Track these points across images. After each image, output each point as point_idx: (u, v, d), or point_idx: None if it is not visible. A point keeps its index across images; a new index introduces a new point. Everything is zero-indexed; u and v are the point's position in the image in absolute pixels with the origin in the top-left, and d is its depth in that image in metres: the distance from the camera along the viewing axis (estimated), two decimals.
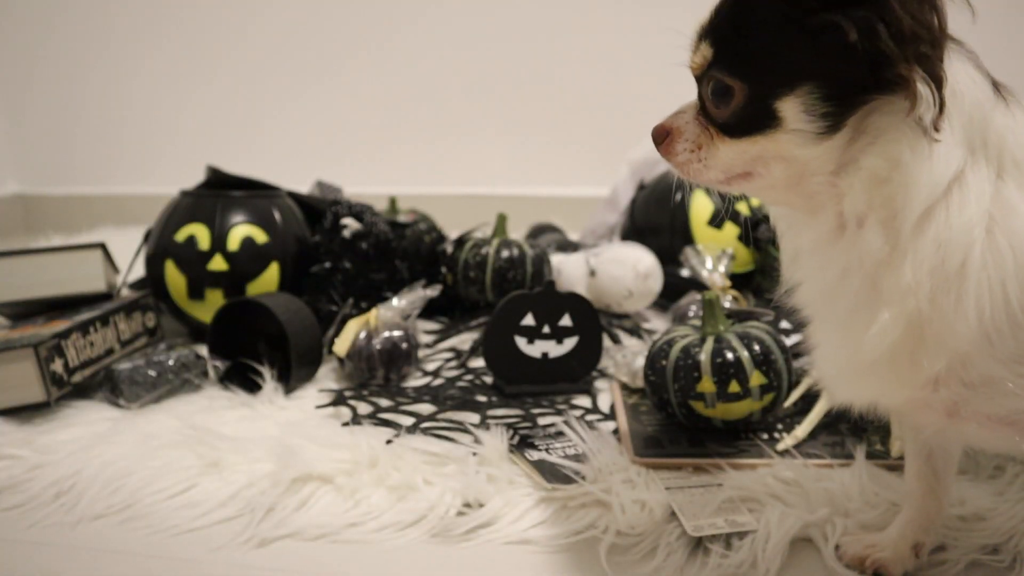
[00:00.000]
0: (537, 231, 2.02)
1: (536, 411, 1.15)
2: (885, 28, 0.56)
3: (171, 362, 1.24)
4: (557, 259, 1.64)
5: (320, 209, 1.58)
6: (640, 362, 1.19)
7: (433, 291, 1.34)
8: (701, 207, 1.67)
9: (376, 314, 1.30)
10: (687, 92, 0.70)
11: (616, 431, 1.07)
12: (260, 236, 1.47)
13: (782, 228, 0.72)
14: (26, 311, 1.38)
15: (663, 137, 0.70)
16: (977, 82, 0.61)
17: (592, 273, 1.57)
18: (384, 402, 1.19)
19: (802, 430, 1.01)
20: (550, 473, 0.94)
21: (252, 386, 1.23)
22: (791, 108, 0.61)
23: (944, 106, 0.57)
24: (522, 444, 1.02)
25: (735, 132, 0.64)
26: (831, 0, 0.57)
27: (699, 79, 0.67)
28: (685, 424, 1.04)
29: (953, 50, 0.60)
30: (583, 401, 1.20)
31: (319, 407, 1.18)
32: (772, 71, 0.61)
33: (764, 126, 0.62)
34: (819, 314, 0.70)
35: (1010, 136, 0.60)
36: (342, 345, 1.27)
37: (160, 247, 1.47)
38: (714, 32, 0.65)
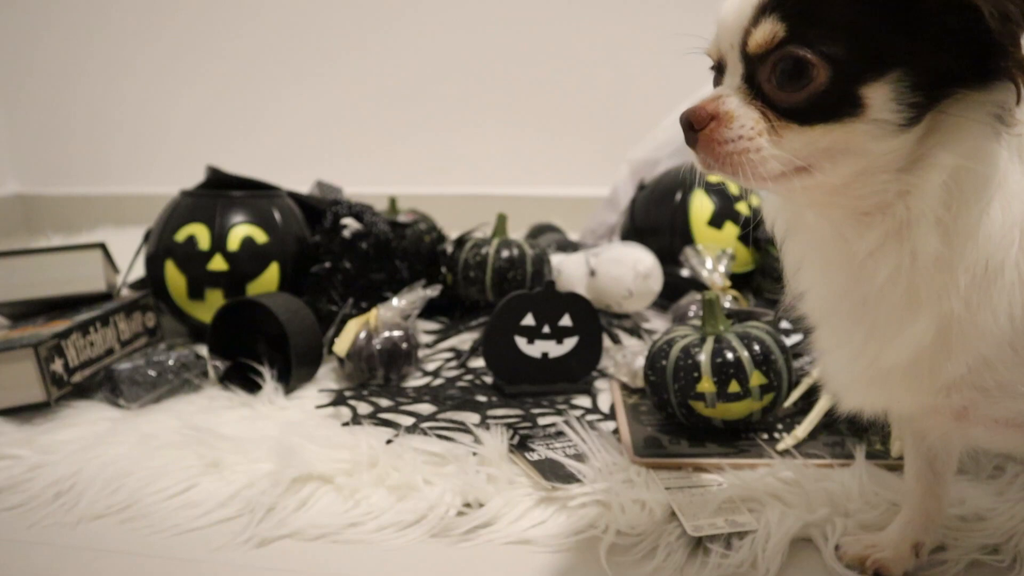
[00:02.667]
0: (537, 231, 2.02)
1: (536, 411, 1.15)
2: (1019, 11, 0.51)
3: (171, 362, 1.24)
4: (557, 259, 1.64)
5: (320, 209, 1.58)
6: (640, 362, 1.19)
7: (433, 291, 1.34)
8: (701, 207, 1.67)
9: (376, 314, 1.29)
10: (688, 92, 0.69)
11: (616, 431, 1.07)
12: (260, 236, 1.47)
13: (780, 235, 0.70)
14: (26, 311, 1.38)
15: (706, 122, 0.60)
16: None
17: (592, 273, 1.57)
18: (384, 402, 1.19)
19: (802, 430, 1.01)
20: (550, 473, 0.94)
21: (252, 386, 1.23)
22: (879, 95, 0.55)
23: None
24: (522, 444, 1.02)
25: (806, 119, 0.57)
26: None
27: (760, 58, 0.59)
28: (685, 424, 1.04)
29: None
30: (583, 401, 1.20)
31: (319, 407, 1.18)
32: (864, 51, 0.55)
33: (843, 113, 0.56)
34: (831, 321, 0.67)
35: None
36: (342, 345, 1.27)
37: (160, 247, 1.47)
38: (786, 5, 0.57)
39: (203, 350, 1.29)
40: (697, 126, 0.60)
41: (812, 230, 0.66)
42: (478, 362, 1.35)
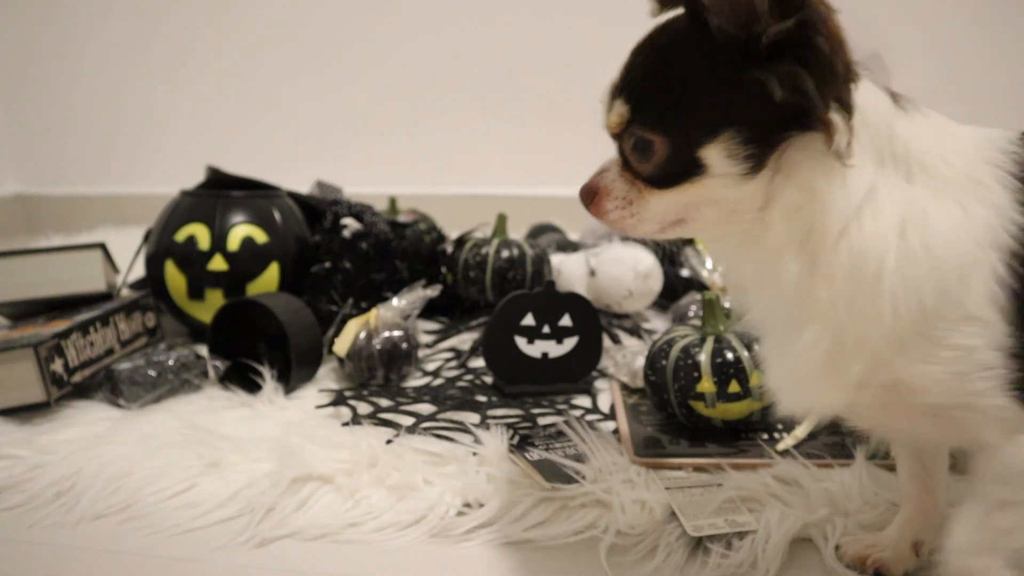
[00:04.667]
0: (537, 231, 2.02)
1: (536, 411, 1.15)
2: (811, 77, 0.57)
3: (171, 362, 1.24)
4: (557, 259, 1.64)
5: (320, 209, 1.58)
6: (640, 362, 1.19)
7: (433, 291, 1.34)
8: None
9: (376, 314, 1.30)
10: None
11: (616, 431, 1.07)
12: (260, 236, 1.47)
13: (721, 256, 0.75)
14: (26, 311, 1.38)
15: (592, 197, 0.71)
16: (878, 96, 0.63)
17: (592, 273, 1.57)
18: (384, 402, 1.19)
19: (802, 430, 1.01)
20: (550, 473, 0.94)
21: (252, 386, 1.23)
22: (714, 155, 0.62)
23: (853, 132, 0.59)
24: (522, 444, 1.02)
25: (662, 183, 0.66)
26: (755, 51, 0.58)
27: (618, 136, 0.68)
28: (685, 424, 1.04)
29: None
30: (583, 401, 1.20)
31: (319, 407, 1.18)
32: (693, 122, 0.63)
33: (690, 174, 0.64)
34: (765, 331, 0.72)
35: (914, 142, 0.62)
36: (342, 345, 1.27)
37: (160, 247, 1.47)
38: (628, 89, 0.66)
39: (203, 350, 1.29)
40: (586, 201, 0.71)
41: (739, 252, 0.71)
42: (478, 362, 1.35)
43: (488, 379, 1.29)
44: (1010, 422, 0.61)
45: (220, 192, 1.52)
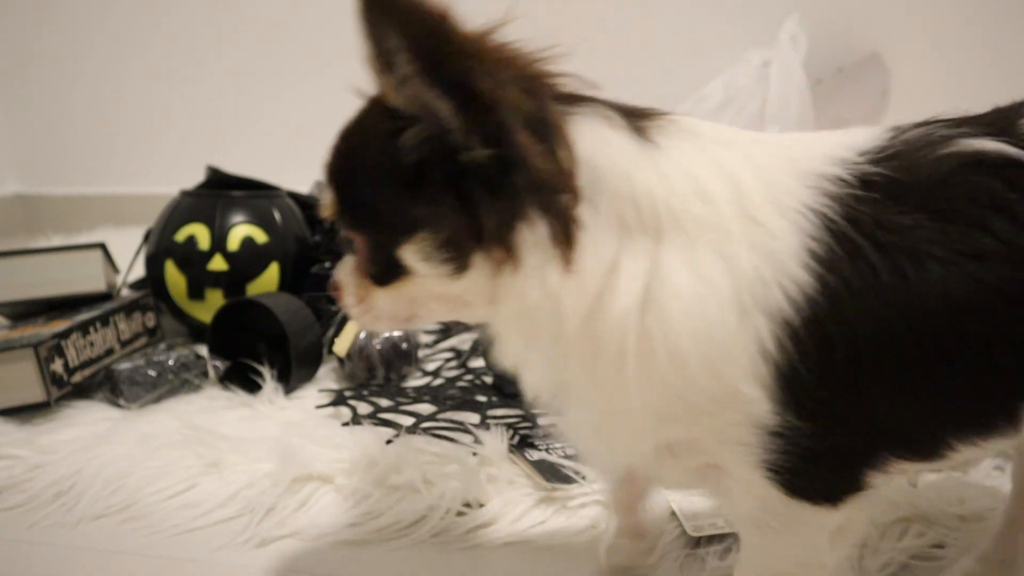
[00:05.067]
0: None
1: (536, 411, 1.15)
2: (496, 211, 0.53)
3: (171, 362, 1.24)
4: None
5: None
6: None
7: None
8: None
9: None
10: (687, 87, 0.69)
11: None
12: (260, 236, 1.47)
13: None
14: (26, 311, 1.38)
15: (336, 291, 0.67)
16: (614, 145, 0.55)
17: None
18: (384, 402, 1.19)
19: None
20: (550, 473, 0.94)
21: (252, 386, 1.23)
22: (411, 257, 0.58)
23: (574, 242, 0.53)
24: (522, 444, 1.02)
25: (379, 280, 0.62)
26: (448, 164, 0.54)
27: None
28: None
29: (581, 114, 0.57)
30: None
31: (319, 407, 1.18)
32: (385, 223, 0.58)
33: (397, 272, 0.60)
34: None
35: (659, 189, 0.54)
36: (342, 345, 1.27)
37: (160, 247, 1.47)
38: (332, 178, 0.63)
39: (203, 350, 1.29)
40: (333, 295, 0.68)
41: None
42: (478, 362, 1.35)
43: (488, 379, 1.29)
44: (764, 501, 0.56)
45: (220, 192, 1.52)
